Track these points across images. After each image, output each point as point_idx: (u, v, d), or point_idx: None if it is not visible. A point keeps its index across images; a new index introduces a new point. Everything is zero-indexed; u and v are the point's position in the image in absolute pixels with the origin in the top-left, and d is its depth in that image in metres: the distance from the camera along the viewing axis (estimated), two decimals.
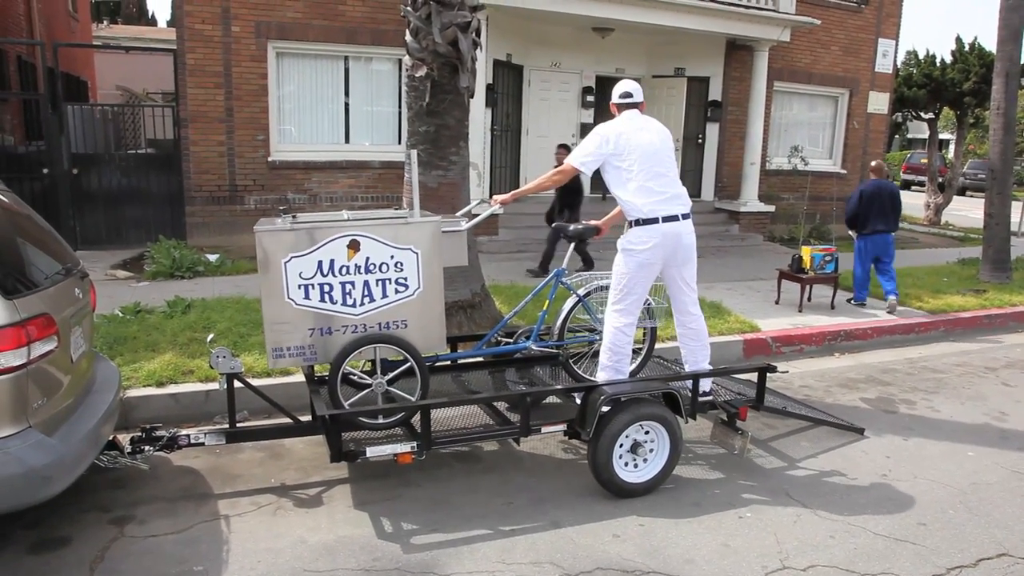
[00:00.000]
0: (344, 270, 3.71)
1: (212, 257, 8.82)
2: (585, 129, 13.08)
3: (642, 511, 3.75)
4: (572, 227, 4.71)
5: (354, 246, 3.71)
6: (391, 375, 3.91)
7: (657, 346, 5.08)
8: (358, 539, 3.43)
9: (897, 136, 31.48)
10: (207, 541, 3.37)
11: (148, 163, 10.30)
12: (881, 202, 7.98)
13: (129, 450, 3.83)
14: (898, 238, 14.48)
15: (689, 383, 4.27)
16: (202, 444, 3.93)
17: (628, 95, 4.28)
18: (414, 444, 3.69)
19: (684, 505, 3.84)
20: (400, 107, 10.44)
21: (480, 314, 6.23)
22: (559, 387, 4.19)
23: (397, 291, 3.82)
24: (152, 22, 31.57)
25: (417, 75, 5.83)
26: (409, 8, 5.83)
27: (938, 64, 16.42)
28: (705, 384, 4.43)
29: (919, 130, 33.86)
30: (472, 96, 6.10)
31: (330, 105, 10.40)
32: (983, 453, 4.69)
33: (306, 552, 3.30)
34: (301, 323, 3.72)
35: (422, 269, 3.84)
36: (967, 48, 16.13)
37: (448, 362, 4.66)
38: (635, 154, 4.09)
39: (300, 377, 5.04)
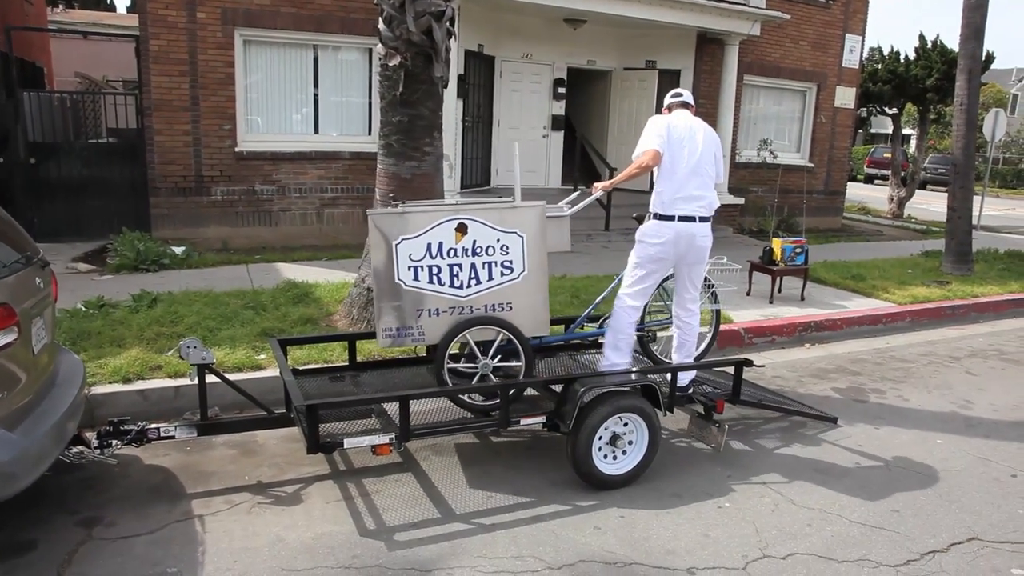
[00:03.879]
0: (452, 252, 3.83)
1: (178, 249, 8.62)
2: (556, 121, 13.07)
3: (622, 503, 3.75)
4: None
5: (462, 229, 3.83)
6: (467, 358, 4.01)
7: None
8: (337, 536, 3.37)
9: (861, 131, 32.01)
10: (180, 542, 3.28)
11: (110, 153, 10.02)
12: None
13: (96, 445, 3.72)
14: (864, 231, 14.85)
15: (670, 376, 4.28)
16: (172, 437, 3.84)
17: (679, 95, 4.55)
18: (392, 435, 3.64)
19: (664, 496, 3.85)
20: (370, 98, 10.30)
21: None
22: (537, 379, 4.16)
23: (503, 274, 3.92)
24: (111, 7, 30.72)
25: (390, 64, 5.74)
26: None
27: (902, 61, 16.71)
28: (684, 379, 4.46)
29: (882, 125, 34.53)
30: (446, 86, 6.04)
31: (299, 95, 10.21)
32: (951, 440, 4.79)
33: (284, 551, 3.24)
34: (411, 304, 3.83)
35: (527, 252, 3.93)
36: (930, 45, 16.45)
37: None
38: (676, 147, 4.26)
39: (272, 372, 4.96)
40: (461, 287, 3.87)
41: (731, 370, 4.59)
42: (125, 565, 3.09)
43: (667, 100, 4.60)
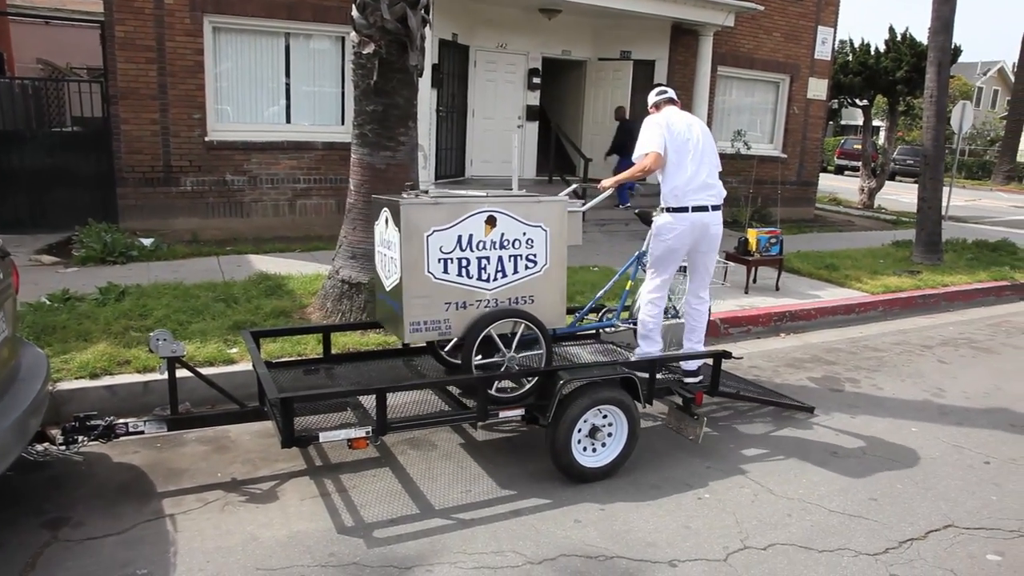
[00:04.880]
0: (481, 245, 3.81)
1: (147, 241, 8.43)
2: (531, 111, 13.00)
3: (602, 496, 3.72)
4: (654, 212, 4.77)
5: (491, 222, 3.81)
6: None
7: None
8: (313, 534, 3.30)
9: (831, 122, 32.39)
10: (151, 542, 3.19)
11: (75, 142, 9.76)
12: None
13: (61, 441, 3.60)
14: (836, 221, 15.01)
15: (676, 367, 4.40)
16: (142, 433, 3.74)
17: (664, 91, 4.64)
18: (369, 429, 3.57)
19: (643, 488, 3.83)
20: (344, 87, 10.15)
21: None
22: (516, 371, 4.12)
23: (527, 267, 3.94)
24: None
25: (364, 52, 5.63)
26: None
27: (872, 53, 16.88)
28: (693, 364, 4.60)
29: (851, 117, 34.99)
30: (421, 75, 5.94)
31: (271, 84, 10.03)
32: (925, 428, 4.84)
33: (259, 550, 3.16)
34: (439, 297, 3.77)
35: (550, 246, 3.97)
36: (900, 38, 16.61)
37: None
38: (677, 142, 4.38)
39: (244, 366, 4.86)
40: (488, 280, 3.86)
41: (709, 361, 4.59)
42: (92, 567, 3.00)
43: (654, 98, 4.65)
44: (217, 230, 9.52)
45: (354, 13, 5.68)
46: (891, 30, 16.75)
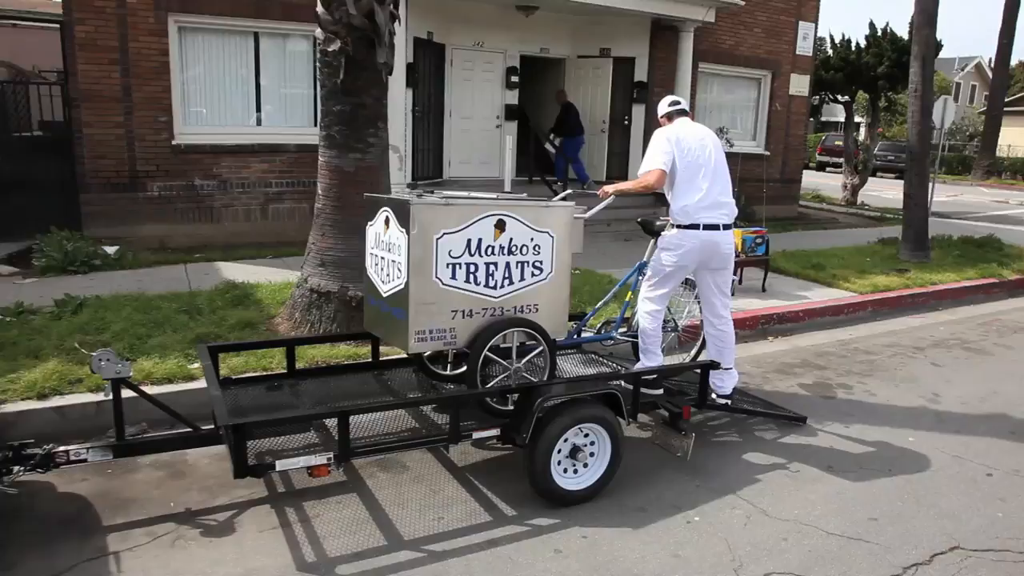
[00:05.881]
0: (490, 250, 3.63)
1: (111, 249, 8.09)
2: (510, 111, 12.74)
3: (585, 521, 3.47)
4: (658, 222, 4.65)
5: (500, 226, 3.65)
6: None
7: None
8: (271, 571, 3.02)
9: (812, 119, 32.43)
10: None
11: (37, 147, 9.37)
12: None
13: None
14: (819, 218, 14.86)
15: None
16: (84, 461, 3.42)
17: (676, 103, 4.50)
18: (330, 456, 3.30)
19: (628, 511, 3.58)
20: (316, 87, 9.82)
21: None
22: (493, 388, 3.86)
23: (533, 274, 3.79)
24: None
25: (330, 49, 5.35)
26: None
27: (854, 49, 16.77)
28: (723, 382, 4.49)
29: (832, 113, 35.03)
30: (391, 73, 5.66)
31: (240, 85, 9.69)
32: (923, 438, 4.63)
33: None
34: (446, 304, 3.58)
35: (556, 253, 3.83)
36: (880, 33, 16.52)
37: None
38: (689, 157, 4.25)
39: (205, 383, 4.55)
40: (495, 287, 3.69)
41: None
42: None
43: (665, 109, 4.52)
44: (186, 237, 9.17)
45: (319, 9, 5.40)
46: (871, 25, 16.66)
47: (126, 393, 3.48)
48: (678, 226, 4.32)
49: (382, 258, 3.79)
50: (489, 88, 12.50)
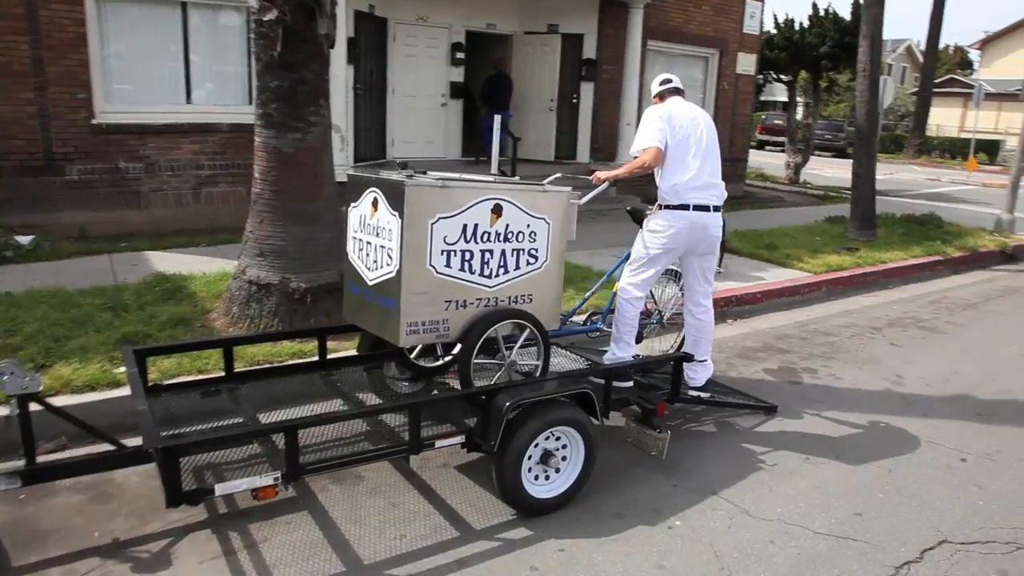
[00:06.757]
0: (485, 236, 3.42)
1: (25, 239, 7.42)
2: (455, 88, 12.32)
3: (560, 531, 3.21)
4: (647, 211, 4.41)
5: (497, 211, 3.43)
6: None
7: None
8: None
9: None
10: None
11: None
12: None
13: None
14: (765, 197, 14.93)
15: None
16: None
17: (668, 81, 4.37)
18: (277, 475, 2.95)
19: (605, 518, 3.34)
20: (251, 62, 9.22)
21: None
22: (458, 392, 3.56)
23: (528, 263, 3.59)
24: None
25: (266, 19, 4.89)
26: None
27: (797, 28, 16.84)
28: (696, 374, 4.36)
29: (770, 93, 35.46)
30: (332, 46, 5.23)
31: (168, 60, 9.00)
32: (893, 423, 4.54)
33: None
34: (439, 294, 3.36)
35: (551, 241, 3.64)
36: (823, 13, 16.61)
37: None
38: (679, 135, 4.10)
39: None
40: (490, 276, 3.48)
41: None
42: None
43: (657, 88, 4.40)
44: (111, 224, 8.51)
45: None
46: (814, 6, 16.74)
47: (37, 408, 3.05)
48: (667, 206, 4.14)
49: (368, 243, 3.51)
50: (434, 65, 12.05)
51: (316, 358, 4.30)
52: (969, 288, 8.49)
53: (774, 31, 17.20)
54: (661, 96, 4.33)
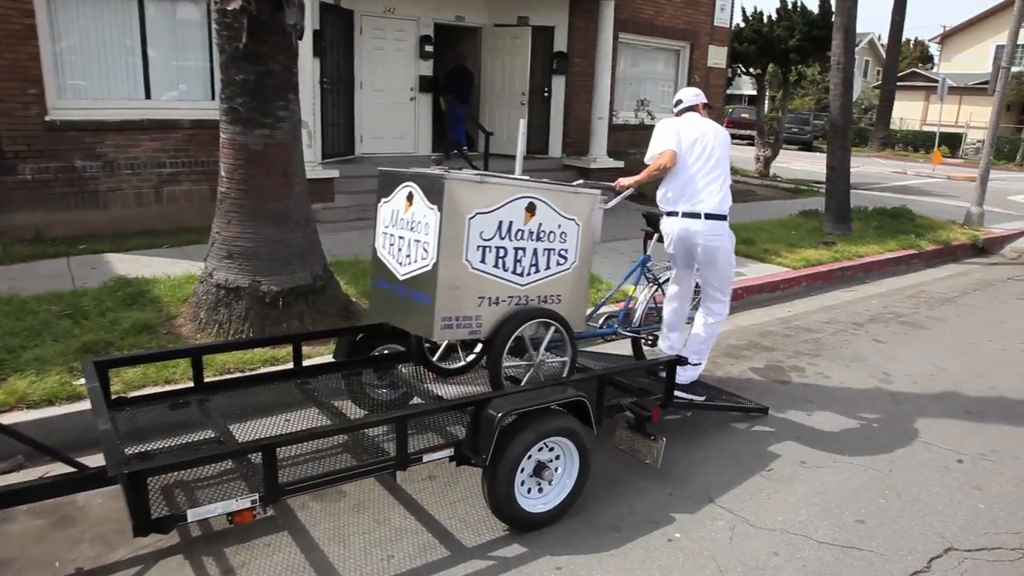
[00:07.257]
0: (519, 234, 3.43)
1: None
2: (424, 81, 12.07)
3: (556, 547, 3.05)
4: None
5: (531, 209, 3.45)
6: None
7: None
8: None
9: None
10: None
11: None
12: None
13: None
14: (736, 191, 14.92)
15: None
16: None
17: (679, 102, 4.45)
18: (255, 497, 2.74)
19: (602, 531, 3.19)
20: (212, 55, 8.89)
21: (324, 301, 5.22)
22: (448, 404, 3.38)
23: (558, 263, 3.60)
24: None
25: (229, 8, 4.64)
26: None
27: (766, 21, 16.87)
28: (684, 371, 4.22)
29: (737, 87, 35.72)
30: (301, 36, 5.00)
31: (124, 55, 8.61)
32: (885, 423, 4.46)
33: None
34: (473, 289, 3.35)
35: (580, 242, 3.64)
36: (791, 6, 16.66)
37: None
38: (684, 146, 4.17)
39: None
40: (522, 274, 3.48)
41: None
42: None
43: (673, 109, 4.54)
44: (68, 225, 8.14)
45: None
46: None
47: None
48: (668, 213, 4.27)
49: (400, 238, 3.46)
50: (402, 58, 11.77)
51: (291, 365, 4.08)
52: (944, 282, 8.51)
53: (743, 24, 17.22)
54: (679, 113, 4.43)
